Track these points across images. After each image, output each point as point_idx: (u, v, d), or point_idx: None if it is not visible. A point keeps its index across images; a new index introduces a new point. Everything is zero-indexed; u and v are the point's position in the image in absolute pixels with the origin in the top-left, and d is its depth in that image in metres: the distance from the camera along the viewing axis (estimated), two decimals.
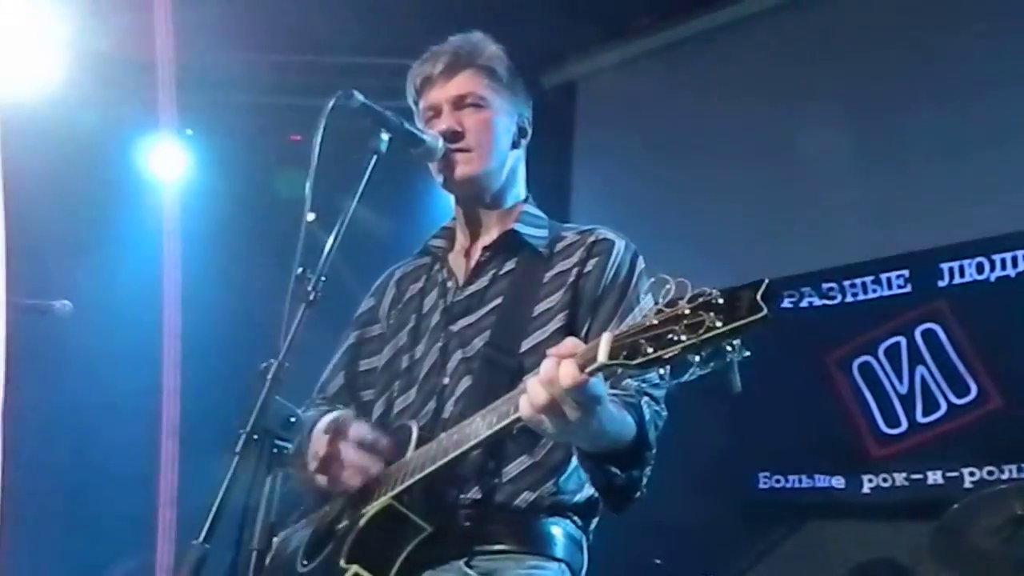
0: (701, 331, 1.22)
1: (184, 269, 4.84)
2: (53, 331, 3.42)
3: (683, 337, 1.24)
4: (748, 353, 1.24)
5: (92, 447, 4.85)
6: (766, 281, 1.20)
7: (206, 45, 5.14)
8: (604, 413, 1.47)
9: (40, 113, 5.21)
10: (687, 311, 1.24)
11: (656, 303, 1.30)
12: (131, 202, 5.11)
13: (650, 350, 1.27)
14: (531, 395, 1.42)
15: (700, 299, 1.24)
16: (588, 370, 1.36)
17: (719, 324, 1.21)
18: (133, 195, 5.12)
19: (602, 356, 1.33)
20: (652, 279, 1.37)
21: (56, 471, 4.80)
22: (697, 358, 1.25)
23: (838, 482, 4.10)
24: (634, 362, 1.29)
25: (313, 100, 1.74)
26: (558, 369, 1.38)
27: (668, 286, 1.28)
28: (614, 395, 1.62)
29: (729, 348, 1.23)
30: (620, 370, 1.40)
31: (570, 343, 1.43)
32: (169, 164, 5.17)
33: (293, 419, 1.50)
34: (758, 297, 1.19)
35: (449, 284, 1.93)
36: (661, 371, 1.31)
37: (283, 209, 5.22)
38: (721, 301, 1.22)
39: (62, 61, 4.85)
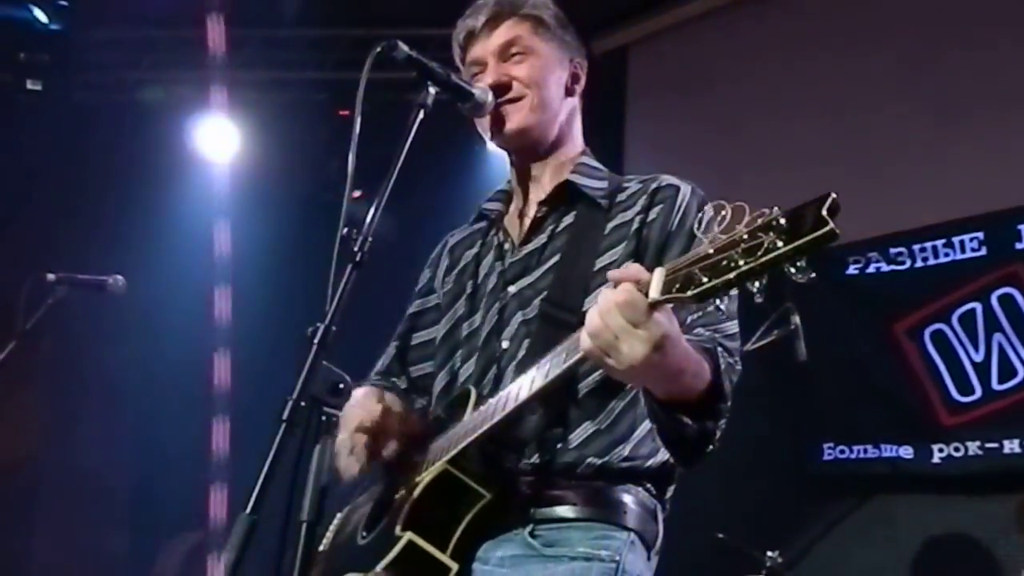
0: (760, 254, 1.13)
1: (234, 243, 4.86)
2: (107, 305, 3.46)
3: (740, 262, 1.14)
4: (814, 275, 1.13)
5: (146, 418, 4.92)
6: (832, 194, 1.09)
7: (256, 22, 5.15)
8: (676, 350, 1.36)
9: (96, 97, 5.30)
10: (745, 235, 1.15)
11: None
12: (183, 178, 5.15)
13: (705, 279, 1.18)
14: (589, 327, 1.34)
15: (759, 220, 1.14)
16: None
17: (780, 244, 1.12)
18: (185, 171, 5.16)
19: (654, 292, 1.26)
20: (710, 205, 1.27)
21: (114, 443, 4.88)
22: (757, 284, 1.15)
23: (906, 452, 3.95)
24: (688, 294, 1.21)
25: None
26: (615, 296, 1.30)
27: (724, 212, 1.19)
28: (688, 341, 1.52)
29: (793, 270, 1.12)
30: (683, 304, 1.30)
31: (634, 267, 1.34)
32: (220, 141, 5.18)
33: (342, 385, 1.45)
34: (823, 212, 1.09)
35: (506, 246, 1.86)
36: (719, 302, 1.23)
37: (331, 184, 5.24)
38: (783, 221, 1.12)
39: None
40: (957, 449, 3.82)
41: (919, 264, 4.05)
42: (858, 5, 4.53)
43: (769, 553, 3.52)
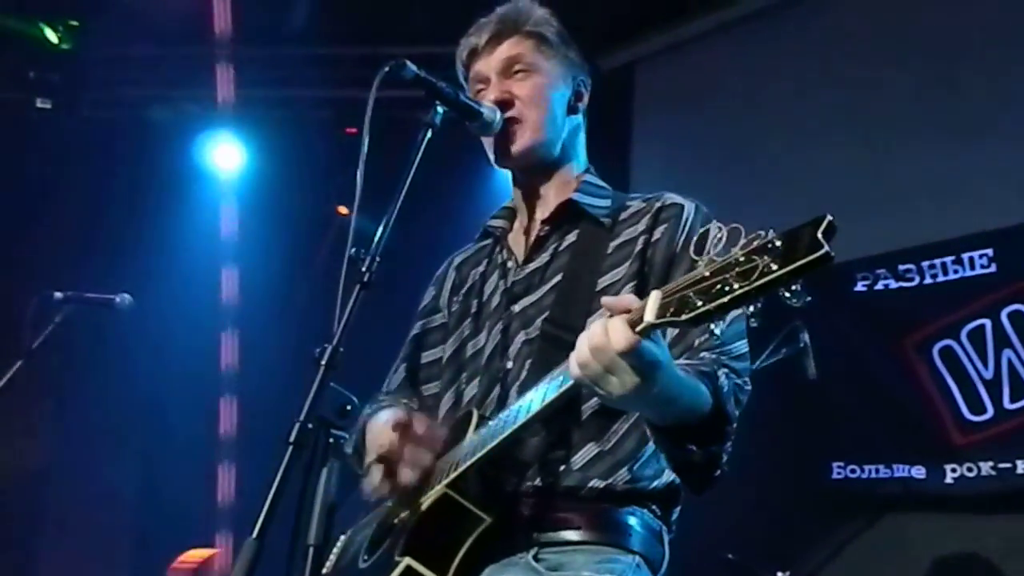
0: (754, 277, 1.12)
1: (241, 261, 4.87)
2: (114, 323, 3.46)
3: (735, 286, 1.14)
4: (809, 298, 1.13)
5: (153, 436, 4.91)
6: (828, 216, 1.09)
7: (262, 40, 5.18)
8: (667, 378, 1.35)
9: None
10: (740, 258, 1.15)
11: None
12: (190, 196, 5.16)
13: (699, 303, 1.18)
14: (578, 356, 1.33)
15: (754, 243, 1.14)
16: (636, 330, 1.28)
17: (774, 268, 1.11)
18: (192, 189, 5.17)
19: (649, 315, 1.25)
20: (703, 227, 1.27)
21: (121, 462, 4.87)
22: (752, 308, 1.16)
23: (919, 472, 3.90)
24: (682, 318, 1.20)
25: (369, 93, 1.66)
26: (606, 329, 1.29)
27: (719, 234, 1.18)
28: (688, 365, 1.52)
29: (787, 294, 1.12)
30: (678, 328, 1.32)
31: (628, 297, 1.34)
32: (227, 159, 5.20)
33: (349, 407, 1.43)
34: (819, 235, 1.08)
35: (509, 264, 1.85)
36: (713, 327, 1.23)
37: (339, 202, 5.25)
38: (778, 243, 1.12)
39: None
40: (970, 470, 3.76)
41: (928, 281, 4.01)
42: (867, 23, 4.51)
43: (779, 574, 3.47)
